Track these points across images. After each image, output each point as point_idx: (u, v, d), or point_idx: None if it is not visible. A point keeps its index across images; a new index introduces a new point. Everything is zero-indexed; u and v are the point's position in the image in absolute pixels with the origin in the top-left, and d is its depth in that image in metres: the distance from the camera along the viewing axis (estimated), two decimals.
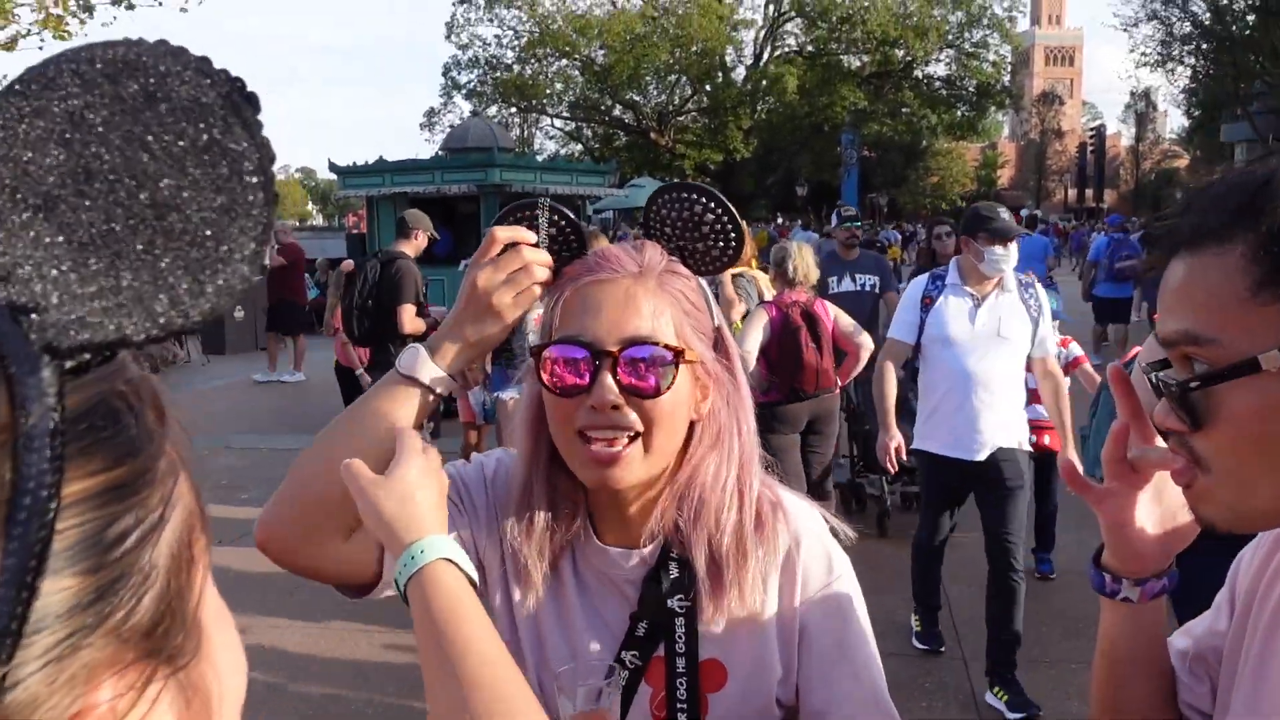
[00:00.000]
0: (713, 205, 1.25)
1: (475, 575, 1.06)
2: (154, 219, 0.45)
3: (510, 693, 0.97)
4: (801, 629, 1.29)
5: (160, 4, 13.33)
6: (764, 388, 5.56)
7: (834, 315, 5.71)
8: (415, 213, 7.75)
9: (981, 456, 4.47)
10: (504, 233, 1.20)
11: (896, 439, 4.84)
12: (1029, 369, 4.63)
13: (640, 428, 1.19)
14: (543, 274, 1.21)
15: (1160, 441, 1.01)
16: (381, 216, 18.63)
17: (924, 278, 4.83)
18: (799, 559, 1.29)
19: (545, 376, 1.20)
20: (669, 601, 1.25)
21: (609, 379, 1.17)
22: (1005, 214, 4.60)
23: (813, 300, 5.72)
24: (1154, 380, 0.92)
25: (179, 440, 0.49)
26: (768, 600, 1.28)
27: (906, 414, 5.45)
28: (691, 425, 1.26)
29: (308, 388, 12.60)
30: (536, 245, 1.22)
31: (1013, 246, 4.47)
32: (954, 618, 5.27)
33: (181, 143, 0.47)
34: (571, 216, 1.26)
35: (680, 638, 1.25)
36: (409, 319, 6.82)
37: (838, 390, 5.88)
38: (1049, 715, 4.26)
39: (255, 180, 0.48)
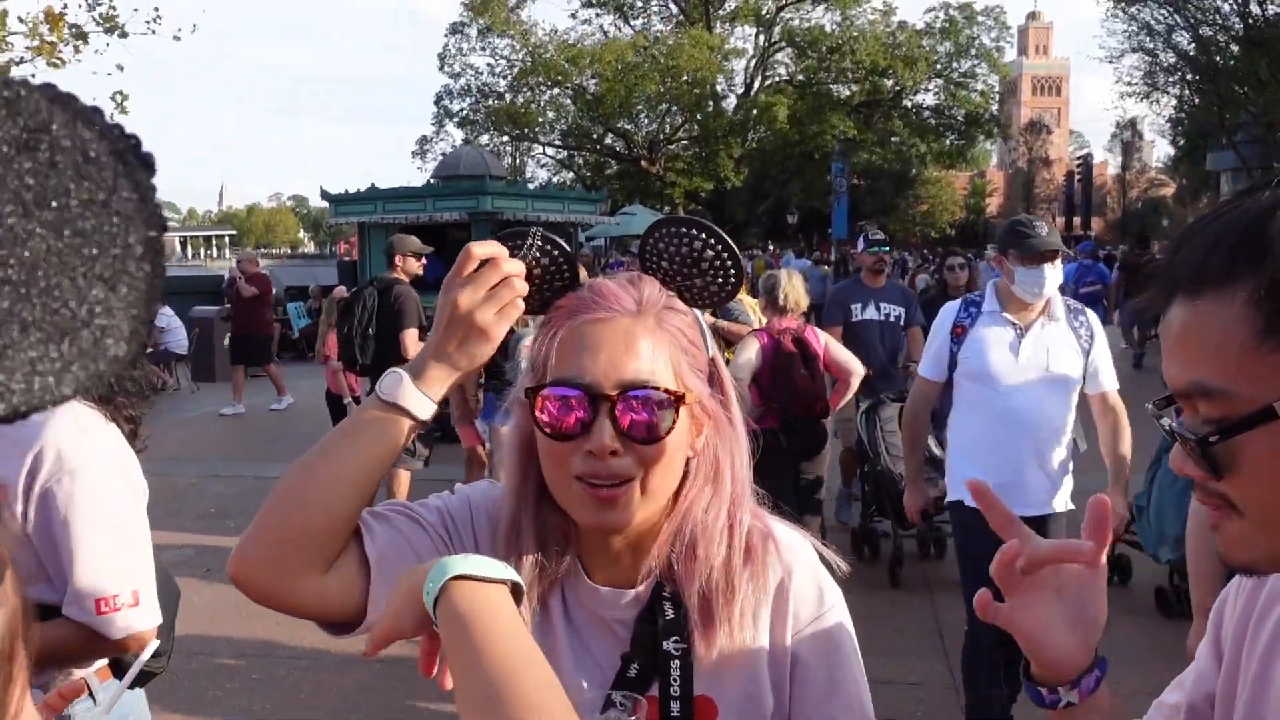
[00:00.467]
0: (712, 240, 1.23)
1: (503, 573, 0.99)
2: (18, 280, 0.39)
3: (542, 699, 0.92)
4: (793, 662, 1.28)
5: (154, 32, 13.35)
6: (756, 415, 5.57)
7: (825, 342, 5.74)
8: (400, 236, 7.71)
9: (1026, 514, 3.55)
10: (480, 249, 1.16)
11: (924, 499, 4.44)
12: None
13: (637, 473, 1.17)
14: (523, 287, 1.18)
15: (1039, 539, 0.99)
16: (373, 244, 18.58)
17: (955, 304, 4.16)
18: (790, 591, 1.28)
19: (541, 418, 1.17)
20: (664, 644, 1.23)
21: (607, 423, 1.15)
22: (1043, 227, 3.92)
23: (804, 327, 5.76)
24: (1169, 429, 0.90)
25: (6, 537, 0.44)
26: (759, 633, 1.26)
27: (928, 461, 5.12)
28: (687, 461, 1.24)
29: (296, 416, 12.56)
30: (513, 257, 1.19)
31: (1056, 266, 3.85)
32: (945, 645, 5.26)
33: (60, 200, 0.41)
34: (564, 245, 1.23)
35: (675, 680, 1.22)
36: (414, 345, 6.77)
37: (830, 416, 5.89)
38: None
39: (140, 250, 0.42)
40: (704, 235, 1.23)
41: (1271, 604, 1.04)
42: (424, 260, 7.46)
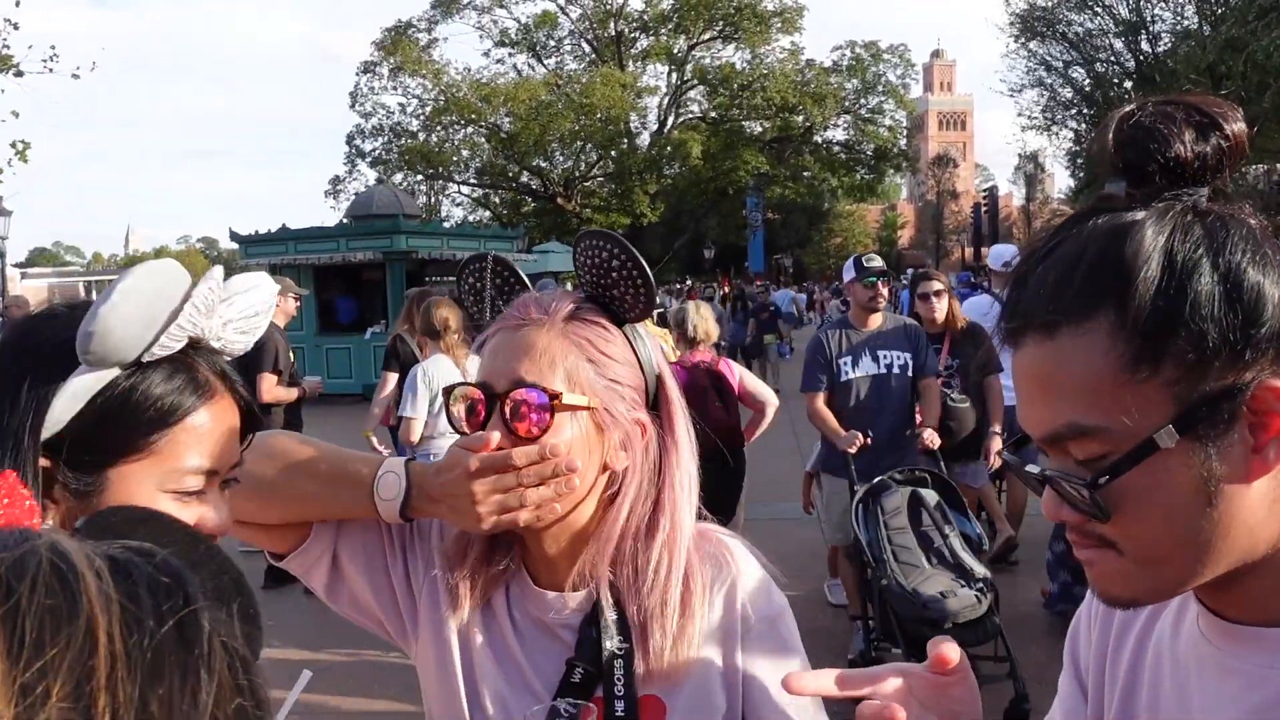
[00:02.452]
0: (617, 251, 1.27)
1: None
2: None
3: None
4: (744, 666, 1.31)
5: (51, 70, 13.01)
6: None
7: (739, 374, 5.76)
8: (279, 279, 7.66)
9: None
10: (493, 439, 1.21)
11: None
12: None
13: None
14: (541, 495, 1.20)
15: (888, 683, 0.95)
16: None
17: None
18: (739, 596, 1.32)
19: (454, 418, 1.28)
20: (607, 643, 1.25)
21: (496, 420, 1.22)
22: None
23: (717, 360, 5.77)
24: (1047, 480, 0.85)
25: None
26: (707, 637, 1.29)
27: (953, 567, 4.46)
28: (615, 476, 1.28)
29: None
30: (475, 282, 1.35)
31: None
32: None
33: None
34: (515, 269, 1.36)
35: (619, 680, 1.25)
36: (267, 389, 6.69)
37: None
38: None
39: None
40: (610, 247, 1.27)
41: (1125, 633, 1.03)
42: (299, 301, 7.47)
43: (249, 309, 1.14)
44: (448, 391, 1.29)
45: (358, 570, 1.35)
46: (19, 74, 12.83)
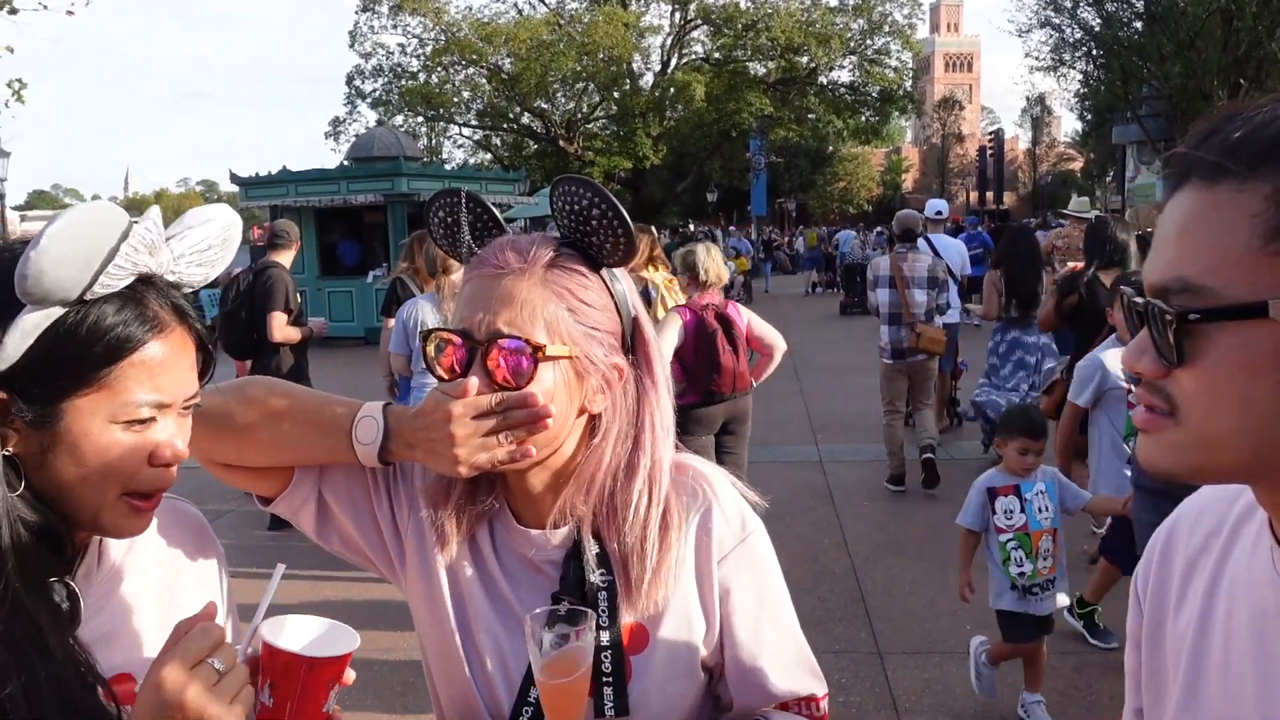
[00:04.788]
0: (597, 200, 1.26)
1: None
2: None
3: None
4: (722, 586, 1.34)
5: (45, 7, 12.80)
6: (678, 391, 5.55)
7: (747, 317, 5.75)
8: (285, 222, 7.76)
9: None
10: (472, 385, 1.22)
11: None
12: None
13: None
14: (516, 436, 1.23)
15: None
16: (303, 229, 18.31)
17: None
18: (713, 520, 1.35)
19: (430, 361, 1.27)
20: (590, 577, 1.29)
21: (478, 370, 1.23)
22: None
23: (725, 303, 5.75)
24: (1141, 305, 0.84)
25: None
26: (686, 564, 1.33)
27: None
28: (594, 417, 1.32)
29: None
30: (447, 219, 1.33)
31: None
32: (869, 612, 5.33)
33: None
34: (488, 205, 1.34)
35: (604, 610, 1.28)
36: (278, 327, 6.83)
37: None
38: (1003, 707, 4.32)
39: None
40: (589, 194, 1.27)
41: (1190, 574, 1.01)
42: (300, 244, 7.55)
43: (202, 243, 1.16)
44: (425, 336, 1.28)
45: (343, 511, 1.39)
46: (12, 11, 12.62)
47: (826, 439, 9.66)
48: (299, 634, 1.13)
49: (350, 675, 1.15)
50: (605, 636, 1.27)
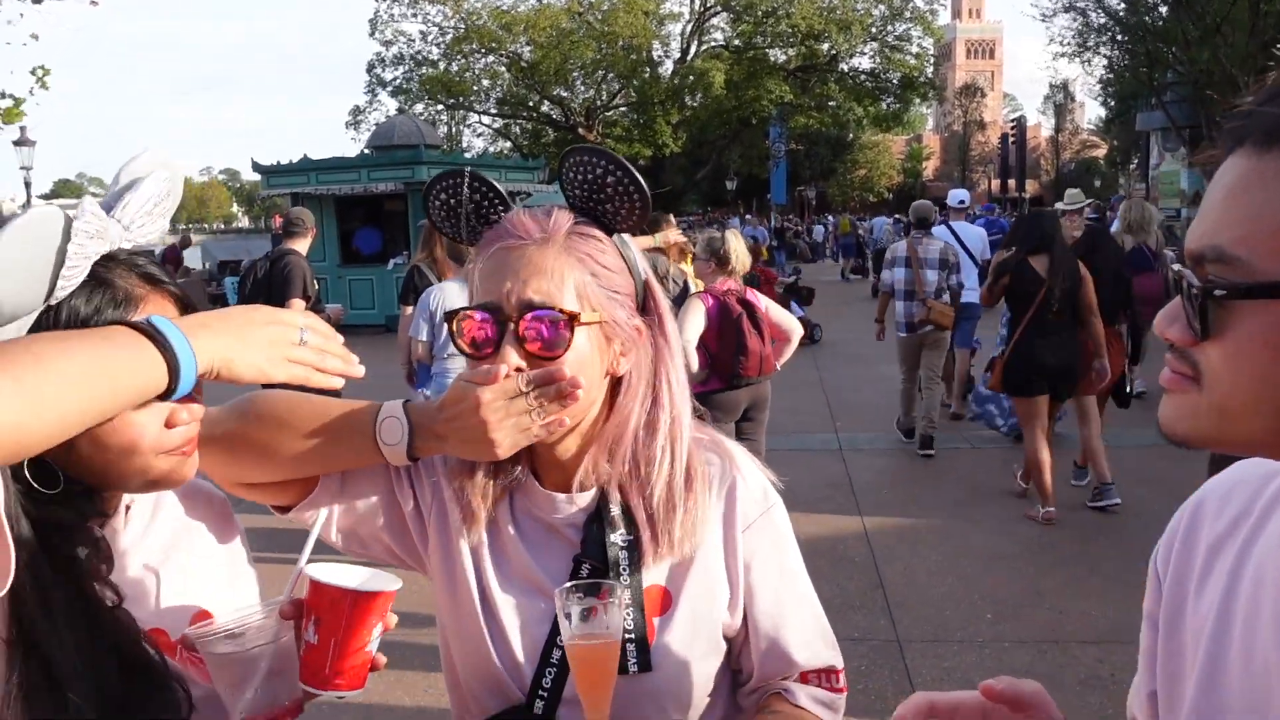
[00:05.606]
0: (612, 168, 1.28)
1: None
2: None
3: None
4: (746, 556, 1.36)
5: None
6: (701, 378, 5.54)
7: (765, 304, 5.74)
8: (300, 210, 7.79)
9: None
10: (514, 358, 1.21)
11: None
12: None
13: None
14: (550, 412, 1.20)
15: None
16: (323, 216, 18.38)
17: None
18: (738, 492, 1.37)
19: (459, 339, 1.27)
20: (612, 537, 1.31)
21: (511, 343, 1.23)
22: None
23: (744, 289, 5.74)
24: (1175, 275, 0.84)
25: None
26: (709, 532, 1.35)
27: None
28: (618, 380, 1.33)
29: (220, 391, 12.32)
30: (449, 198, 1.32)
31: None
32: (888, 600, 5.31)
33: None
34: (494, 184, 1.33)
35: (625, 571, 1.30)
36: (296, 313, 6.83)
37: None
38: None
39: None
40: (604, 163, 1.28)
41: (1216, 553, 0.98)
42: (315, 231, 7.58)
43: (147, 203, 1.14)
44: (451, 316, 1.27)
45: (369, 509, 1.38)
46: (37, 0, 12.68)
47: (846, 427, 9.63)
48: (343, 575, 1.17)
49: (392, 619, 1.17)
50: (626, 595, 1.28)
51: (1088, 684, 4.34)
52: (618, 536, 1.31)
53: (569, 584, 1.20)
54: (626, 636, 1.27)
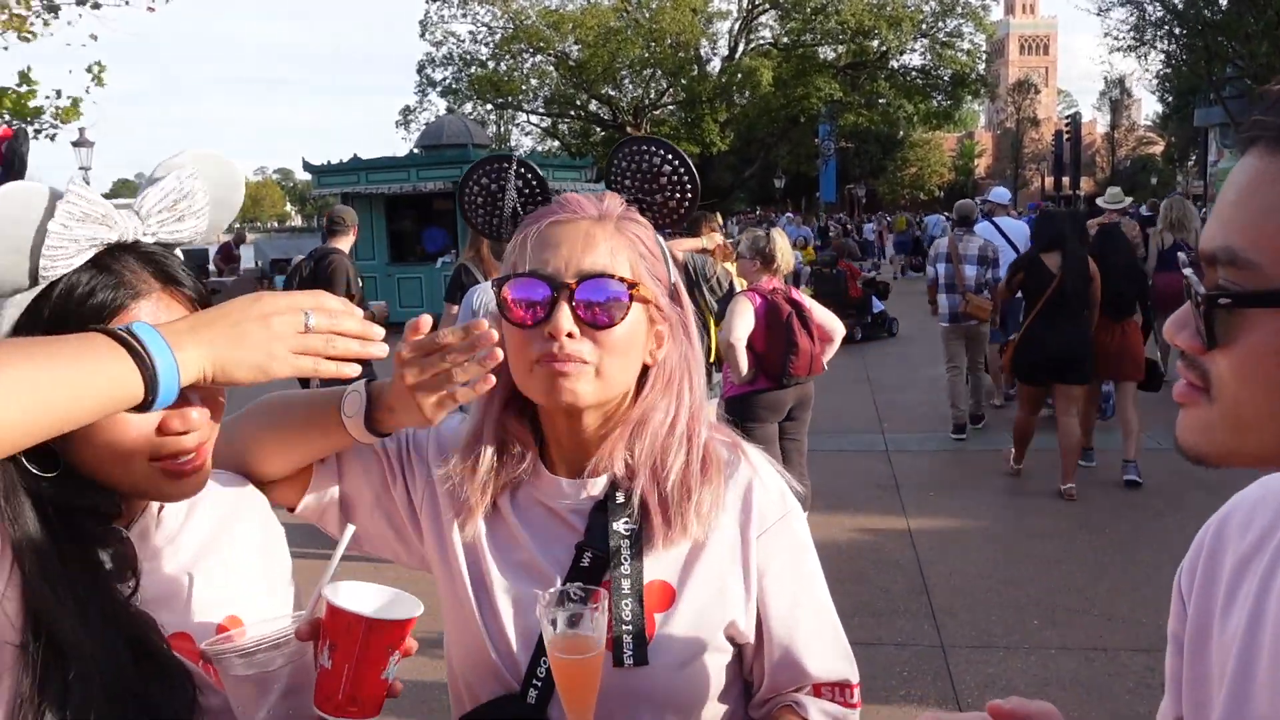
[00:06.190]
0: (670, 157, 1.29)
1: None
2: None
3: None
4: (760, 561, 1.34)
5: (127, 2, 13.07)
6: (750, 377, 5.51)
7: (809, 303, 5.70)
8: (342, 208, 7.86)
9: None
10: (425, 323, 1.18)
11: None
12: None
13: (594, 358, 1.23)
14: (469, 373, 1.17)
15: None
16: (358, 215, 18.55)
17: None
18: (754, 495, 1.35)
19: (507, 308, 1.25)
20: (614, 524, 1.29)
21: (565, 309, 1.21)
22: None
23: (789, 288, 5.71)
24: (1185, 280, 0.82)
25: None
26: (725, 531, 1.33)
27: None
28: (646, 370, 1.32)
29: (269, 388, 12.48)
30: (492, 186, 1.31)
31: None
32: (933, 605, 5.25)
33: None
34: (539, 173, 1.32)
35: (625, 560, 1.28)
36: None
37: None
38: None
39: None
40: (662, 152, 1.30)
41: (1242, 572, 0.95)
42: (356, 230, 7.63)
43: (165, 198, 1.11)
44: (500, 282, 1.25)
45: (365, 505, 1.39)
46: (96, 6, 12.92)
47: (893, 427, 9.54)
48: (362, 598, 1.13)
49: (412, 645, 1.14)
50: (626, 585, 1.26)
51: (1137, 693, 4.25)
52: (620, 524, 1.29)
53: (552, 590, 1.17)
54: (624, 629, 1.25)
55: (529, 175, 1.32)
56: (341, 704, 1.10)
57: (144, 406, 0.94)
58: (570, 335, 1.21)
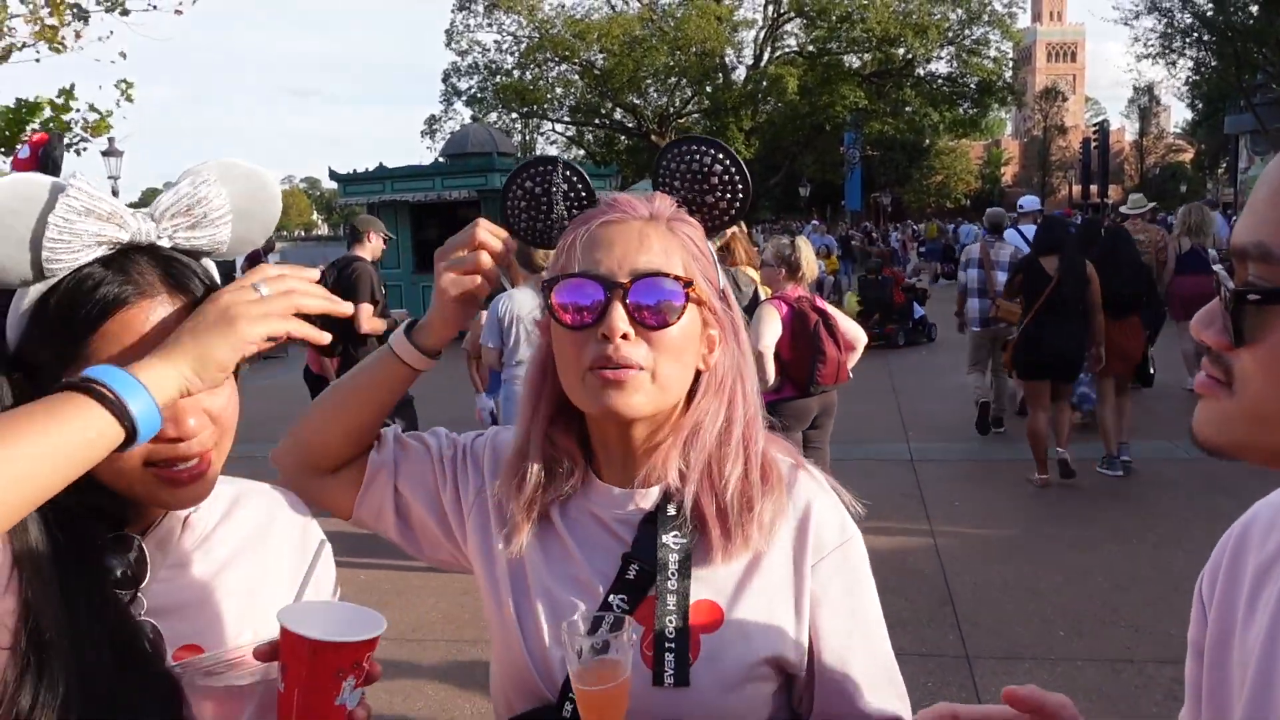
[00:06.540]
0: (721, 156, 1.27)
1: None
2: None
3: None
4: (815, 590, 1.28)
5: (155, 7, 13.21)
6: (776, 385, 5.50)
7: (834, 312, 5.69)
8: (365, 216, 7.89)
9: None
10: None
11: None
12: None
13: (649, 362, 1.20)
14: (484, 260, 1.29)
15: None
16: (384, 224, 18.65)
17: None
18: (812, 520, 1.29)
19: (558, 309, 1.22)
20: (663, 537, 1.25)
21: (620, 309, 1.18)
22: None
23: (814, 296, 5.71)
24: (1217, 276, 0.82)
25: None
26: (778, 555, 1.28)
27: None
28: (698, 375, 1.28)
29: (275, 394, 12.55)
30: (536, 186, 1.31)
31: None
32: (958, 615, 5.21)
33: None
34: (585, 176, 1.30)
35: (673, 575, 1.23)
36: (366, 318, 6.97)
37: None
38: None
39: None
40: (713, 151, 1.27)
41: (1265, 576, 0.94)
42: (386, 240, 7.66)
43: (178, 203, 1.11)
44: (549, 285, 1.22)
45: (419, 504, 1.38)
46: (124, 12, 13.08)
47: (918, 436, 9.49)
48: (317, 619, 1.06)
49: (375, 670, 1.09)
50: (671, 601, 1.22)
51: (1164, 705, 4.20)
52: (669, 538, 1.25)
53: (574, 618, 1.12)
54: (667, 646, 1.21)
55: (574, 178, 1.29)
56: None
57: (129, 444, 0.95)
58: (625, 337, 1.18)
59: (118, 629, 1.06)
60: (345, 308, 1.13)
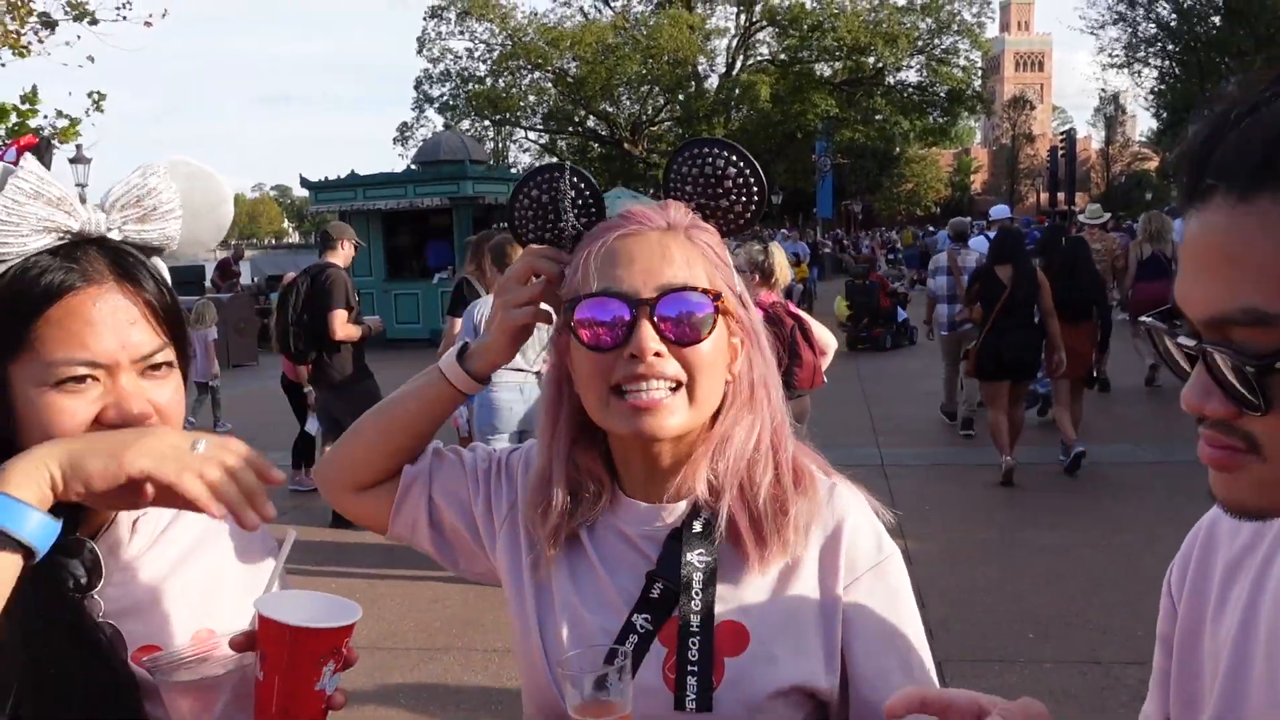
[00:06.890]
0: (734, 159, 1.23)
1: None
2: None
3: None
4: (846, 613, 1.22)
5: (124, 18, 13.13)
6: None
7: (806, 316, 5.74)
8: (337, 223, 7.85)
9: None
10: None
11: None
12: None
13: (682, 377, 1.16)
14: (543, 291, 1.25)
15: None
16: (355, 231, 18.52)
17: None
18: (844, 537, 1.25)
19: (580, 331, 1.17)
20: (688, 555, 1.20)
21: (648, 327, 1.14)
22: None
23: (788, 302, 5.75)
24: (1193, 348, 0.75)
25: None
26: (807, 574, 1.23)
27: None
28: (726, 385, 1.24)
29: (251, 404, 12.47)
30: (545, 193, 1.27)
31: None
32: (927, 618, 5.25)
33: None
34: (593, 182, 1.27)
35: (697, 594, 1.19)
36: (340, 324, 6.89)
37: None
38: None
39: None
40: (725, 153, 1.23)
41: (1234, 574, 0.96)
42: (358, 247, 7.59)
43: (126, 196, 1.11)
44: (571, 306, 1.18)
45: (453, 515, 1.36)
46: (93, 22, 12.98)
47: (889, 442, 9.55)
48: (296, 607, 1.08)
49: (353, 656, 1.10)
50: (695, 621, 1.18)
51: (1130, 707, 4.25)
52: (694, 555, 1.20)
53: (571, 654, 1.11)
54: (689, 669, 1.17)
55: (582, 184, 1.25)
56: (275, 716, 1.06)
57: (32, 557, 0.92)
58: (657, 354, 1.14)
59: (74, 630, 1.06)
60: (275, 477, 1.06)
